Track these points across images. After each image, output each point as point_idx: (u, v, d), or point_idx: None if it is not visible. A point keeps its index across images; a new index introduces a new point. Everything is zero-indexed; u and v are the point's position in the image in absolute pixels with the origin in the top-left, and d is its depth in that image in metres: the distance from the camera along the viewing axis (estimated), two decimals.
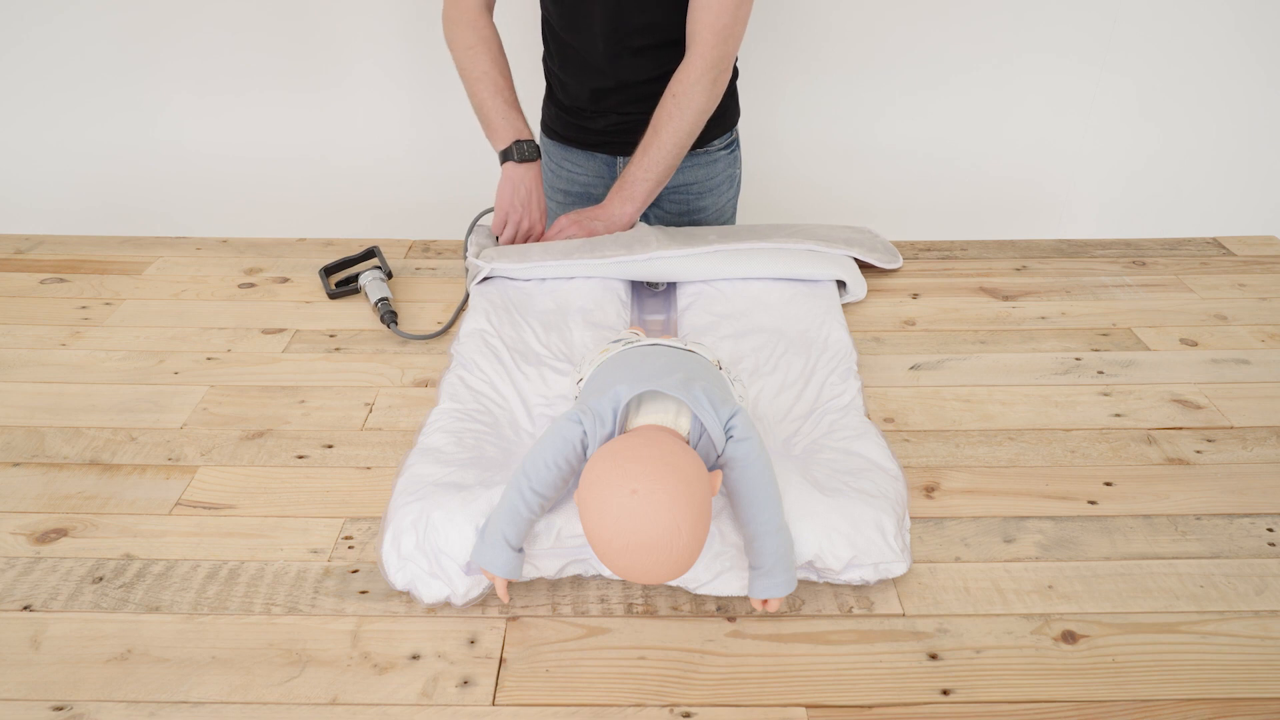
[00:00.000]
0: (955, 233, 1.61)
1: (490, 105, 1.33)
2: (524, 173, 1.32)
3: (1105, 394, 1.10)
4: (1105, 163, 2.30)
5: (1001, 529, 0.90)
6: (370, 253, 1.38)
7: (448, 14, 1.36)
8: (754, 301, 1.23)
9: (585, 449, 0.80)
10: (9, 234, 1.48)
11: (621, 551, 0.73)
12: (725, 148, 1.50)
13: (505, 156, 1.33)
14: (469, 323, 1.17)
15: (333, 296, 1.29)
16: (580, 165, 1.51)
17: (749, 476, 0.80)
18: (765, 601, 0.79)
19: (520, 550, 0.80)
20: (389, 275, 1.32)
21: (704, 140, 1.44)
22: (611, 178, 1.49)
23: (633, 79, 1.37)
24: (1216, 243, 1.47)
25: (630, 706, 0.73)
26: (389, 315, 1.23)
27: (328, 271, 1.34)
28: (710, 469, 0.80)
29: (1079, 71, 2.20)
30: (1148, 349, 1.19)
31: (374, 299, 1.26)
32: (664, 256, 1.25)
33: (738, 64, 1.45)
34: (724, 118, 1.45)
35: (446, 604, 0.82)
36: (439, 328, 1.22)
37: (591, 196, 1.52)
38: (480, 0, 1.35)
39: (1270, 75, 2.21)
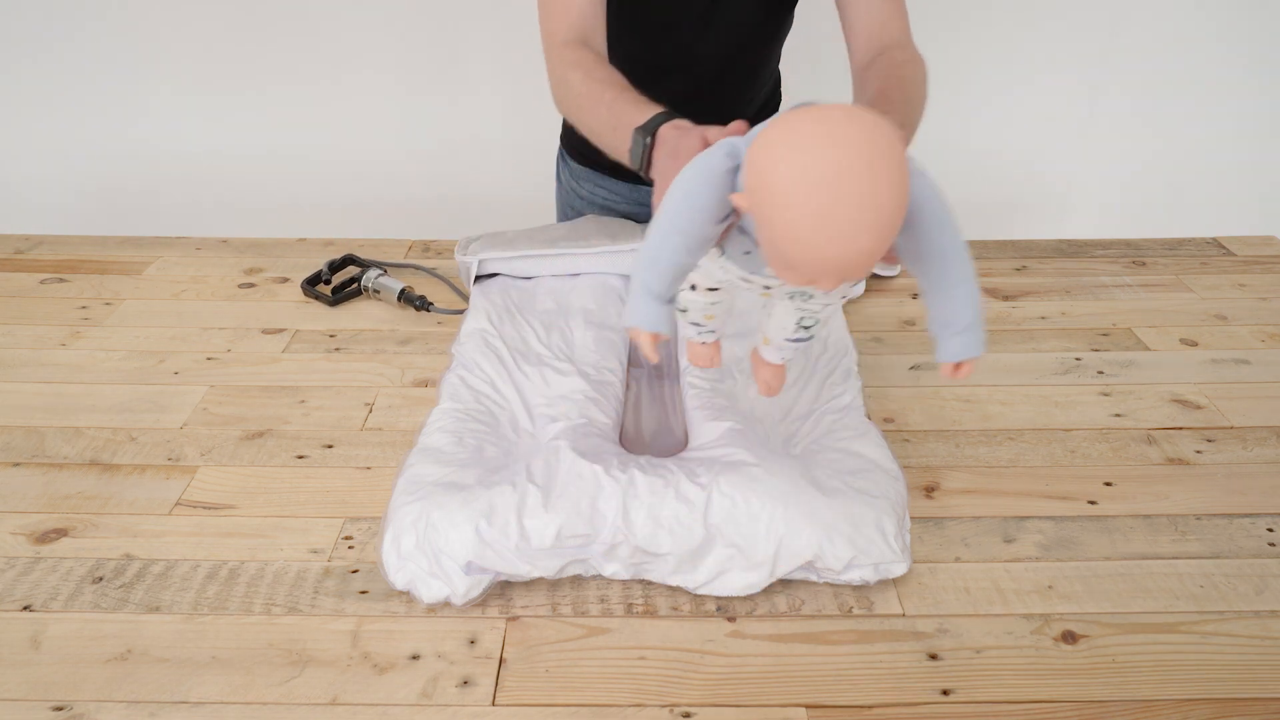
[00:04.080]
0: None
1: (613, 101, 0.98)
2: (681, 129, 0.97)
3: (1105, 394, 1.10)
4: (1105, 163, 2.30)
5: (1001, 529, 0.90)
6: (350, 259, 1.36)
7: (547, 68, 1.10)
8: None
9: (736, 181, 0.66)
10: (9, 234, 1.48)
11: (817, 187, 0.57)
12: None
13: (657, 123, 0.91)
14: (470, 322, 1.17)
15: (335, 304, 1.29)
16: (607, 189, 1.44)
17: (927, 214, 0.66)
18: (959, 366, 0.69)
19: (671, 302, 0.69)
20: (384, 270, 1.32)
21: None
22: (637, 200, 1.44)
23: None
24: (1216, 243, 1.47)
25: (630, 706, 0.73)
26: (421, 300, 1.25)
27: (310, 283, 1.32)
28: None
29: (1079, 71, 2.20)
30: (1148, 349, 1.19)
31: (397, 291, 1.27)
32: None
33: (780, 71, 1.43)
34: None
35: (446, 604, 0.82)
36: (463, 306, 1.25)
37: (617, 215, 1.44)
38: (569, 36, 1.08)
39: (1269, 76, 2.21)
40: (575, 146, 1.46)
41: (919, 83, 1.04)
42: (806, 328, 0.87)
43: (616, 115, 0.96)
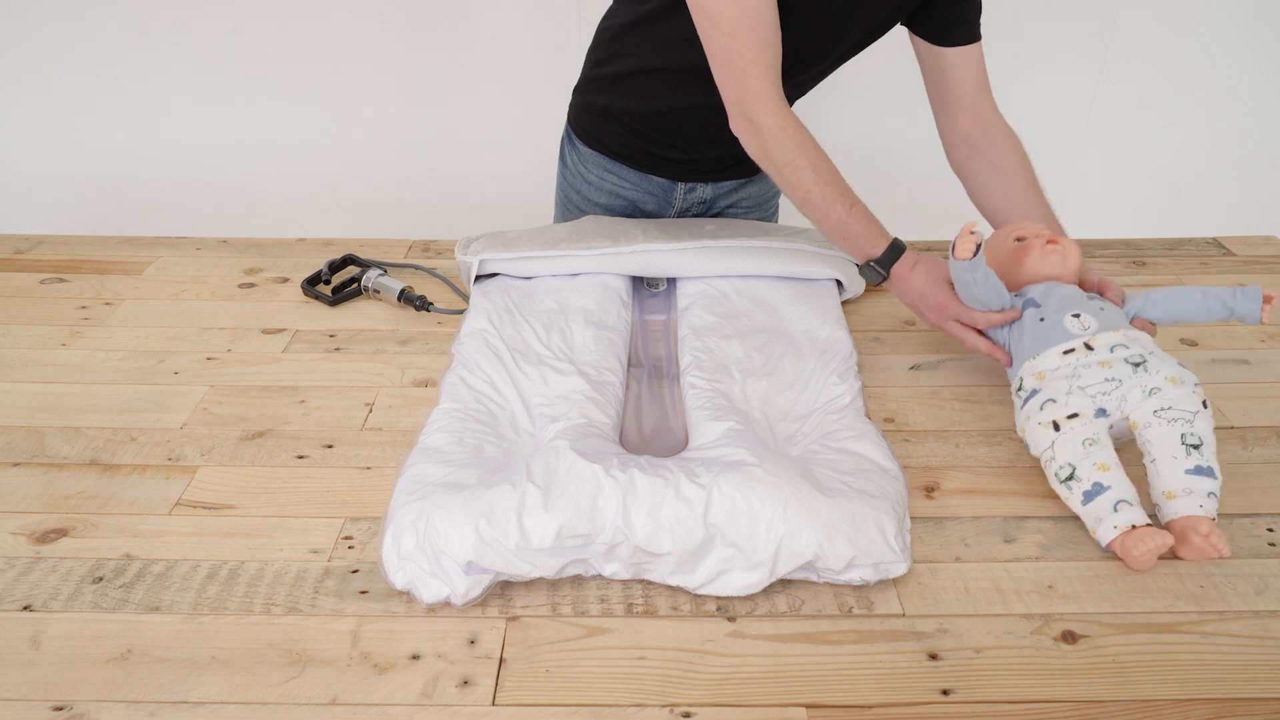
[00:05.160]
0: (955, 233, 1.61)
1: (845, 216, 1.10)
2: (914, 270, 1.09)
3: None
4: (1105, 163, 2.30)
5: (1001, 529, 0.90)
6: (350, 259, 1.36)
7: (747, 129, 1.12)
8: (754, 301, 1.23)
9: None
10: (9, 234, 1.48)
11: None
12: None
13: (892, 257, 1.09)
14: (470, 322, 1.17)
15: (335, 304, 1.29)
16: (617, 174, 1.41)
17: (1152, 299, 1.04)
18: (1266, 304, 1.00)
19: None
20: (384, 270, 1.32)
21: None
22: (665, 198, 1.41)
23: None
24: (1216, 243, 1.47)
25: (630, 706, 0.73)
26: (421, 300, 1.26)
27: (310, 283, 1.32)
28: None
29: (1079, 72, 2.20)
30: None
31: (397, 291, 1.27)
32: (650, 250, 1.25)
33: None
34: None
35: (446, 604, 0.82)
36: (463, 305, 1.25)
37: (640, 211, 1.43)
38: (774, 94, 1.10)
39: (1270, 76, 2.21)
40: (585, 130, 1.41)
41: (1037, 179, 1.25)
42: (1195, 447, 0.88)
43: (850, 232, 1.10)
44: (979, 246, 0.98)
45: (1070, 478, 0.89)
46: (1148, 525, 0.84)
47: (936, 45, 1.22)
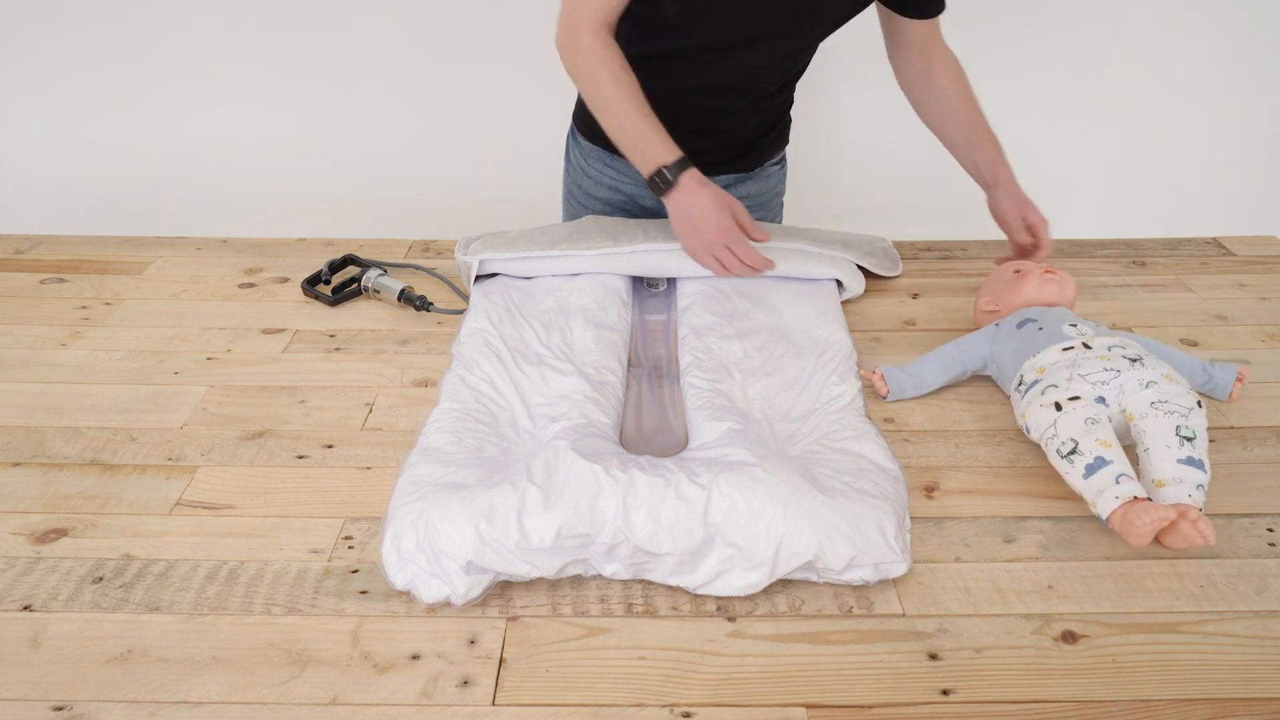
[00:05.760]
0: (955, 233, 1.61)
1: (639, 123, 1.17)
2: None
3: None
4: (1105, 163, 2.30)
5: (1001, 529, 0.90)
6: (350, 259, 1.36)
7: (565, 40, 1.20)
8: (754, 301, 1.23)
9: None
10: (9, 234, 1.48)
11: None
12: (777, 163, 1.49)
13: (682, 167, 1.17)
14: (470, 322, 1.17)
15: (335, 304, 1.29)
16: (616, 169, 1.42)
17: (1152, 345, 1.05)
18: (1238, 382, 1.06)
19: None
20: (384, 270, 1.32)
21: (762, 160, 1.44)
22: (645, 182, 1.42)
23: (736, 132, 1.37)
24: (1216, 243, 1.47)
25: (630, 706, 0.73)
26: (421, 300, 1.26)
27: (310, 283, 1.32)
28: None
29: (1079, 71, 2.19)
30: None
31: (397, 291, 1.27)
32: (650, 250, 1.25)
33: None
34: (783, 136, 1.46)
35: (446, 604, 0.82)
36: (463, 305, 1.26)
37: (639, 205, 1.44)
38: (598, 22, 1.18)
39: (1270, 75, 2.21)
40: (587, 125, 1.42)
41: (972, 94, 1.36)
42: (1189, 439, 0.89)
43: (643, 139, 1.17)
44: (883, 377, 1.08)
45: (1073, 452, 0.90)
46: (1148, 500, 0.85)
47: (901, 15, 1.31)
